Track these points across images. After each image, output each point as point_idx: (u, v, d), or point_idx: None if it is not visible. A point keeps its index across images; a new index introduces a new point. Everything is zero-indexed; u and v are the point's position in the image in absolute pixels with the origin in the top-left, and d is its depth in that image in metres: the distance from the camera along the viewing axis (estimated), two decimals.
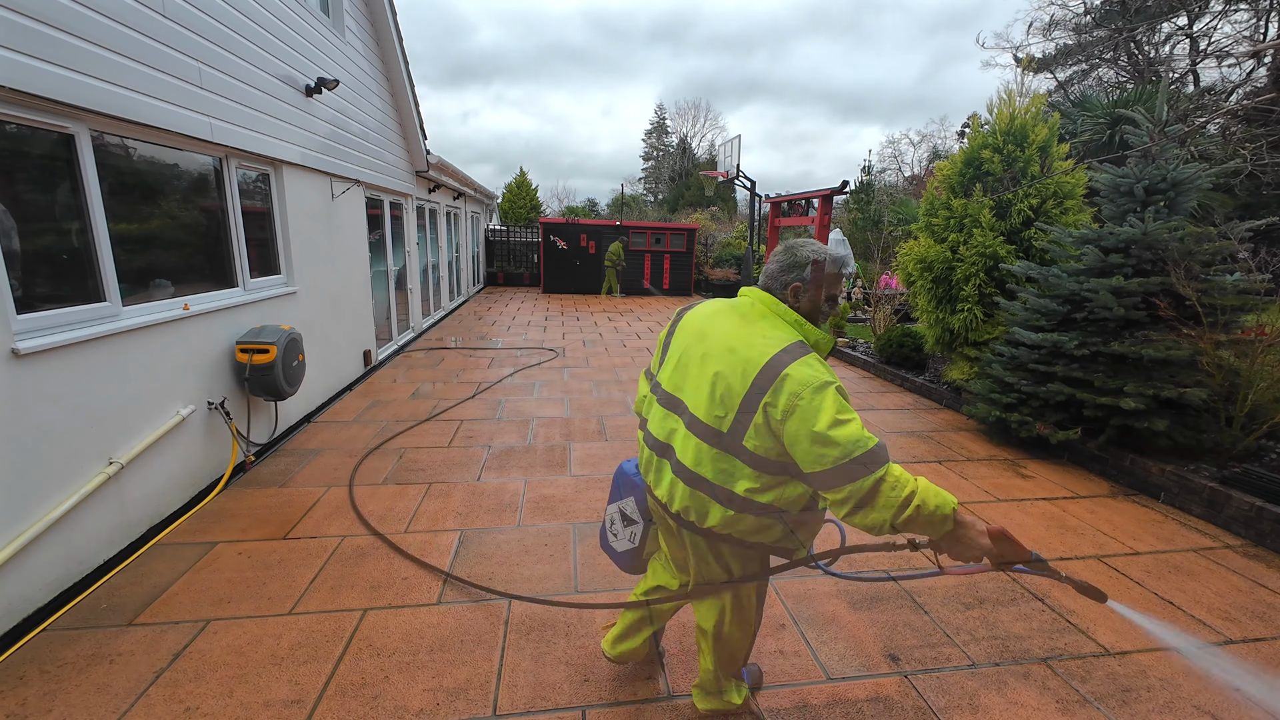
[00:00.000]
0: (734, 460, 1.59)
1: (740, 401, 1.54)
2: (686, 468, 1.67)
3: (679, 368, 1.75)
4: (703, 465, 1.63)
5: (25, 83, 2.48)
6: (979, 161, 5.94)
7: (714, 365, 1.62)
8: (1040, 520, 3.67)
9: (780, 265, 1.72)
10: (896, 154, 35.86)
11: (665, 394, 1.79)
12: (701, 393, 1.64)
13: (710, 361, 1.63)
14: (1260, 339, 3.97)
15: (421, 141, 8.71)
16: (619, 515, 2.10)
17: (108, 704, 2.09)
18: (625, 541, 2.09)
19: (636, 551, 2.07)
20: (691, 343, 1.74)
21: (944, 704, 2.21)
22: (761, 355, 1.53)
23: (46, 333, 2.66)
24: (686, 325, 1.81)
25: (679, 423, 1.71)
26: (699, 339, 1.72)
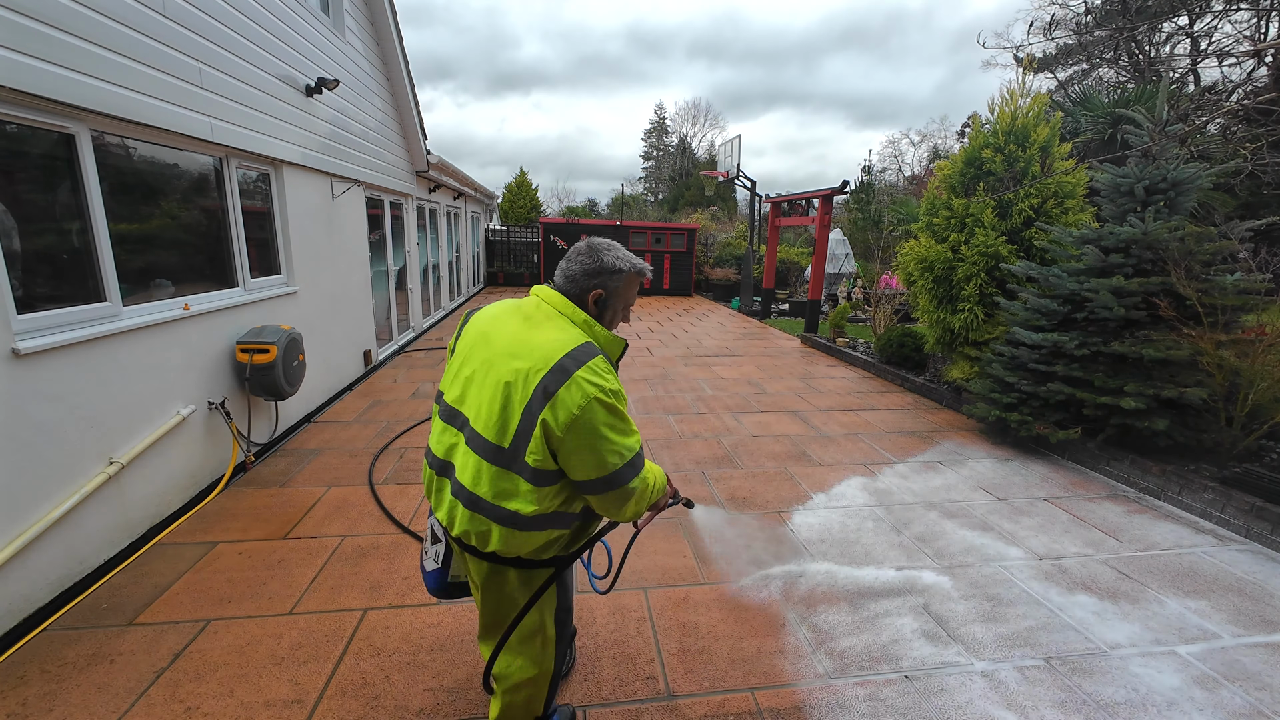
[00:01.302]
0: (515, 478, 1.44)
1: (522, 412, 1.40)
2: (465, 488, 1.49)
3: (460, 378, 1.56)
4: (480, 484, 1.46)
5: (25, 83, 2.48)
6: (980, 161, 5.94)
7: (495, 374, 1.46)
8: (1041, 520, 3.67)
9: (584, 269, 1.57)
10: (896, 154, 35.86)
11: (446, 406, 1.59)
12: (482, 404, 1.47)
13: (492, 369, 1.47)
14: (1260, 339, 3.96)
15: (421, 141, 8.71)
16: (429, 532, 1.83)
17: (108, 703, 2.09)
18: (431, 561, 1.82)
19: (440, 573, 1.78)
20: (475, 349, 1.55)
21: None
22: (545, 361, 1.41)
23: (47, 333, 2.66)
24: (471, 331, 1.62)
25: (459, 438, 1.53)
26: (483, 344, 1.54)
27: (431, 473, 1.63)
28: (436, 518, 1.66)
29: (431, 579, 1.82)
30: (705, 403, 6.01)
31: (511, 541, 1.49)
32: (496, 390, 1.44)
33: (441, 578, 1.80)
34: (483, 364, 1.51)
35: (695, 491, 3.96)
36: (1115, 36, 12.69)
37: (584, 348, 1.44)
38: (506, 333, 1.52)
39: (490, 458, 1.45)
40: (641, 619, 2.64)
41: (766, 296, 12.30)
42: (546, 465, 1.43)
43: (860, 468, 4.44)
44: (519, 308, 1.59)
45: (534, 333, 1.49)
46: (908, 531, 3.49)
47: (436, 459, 1.60)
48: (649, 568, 3.04)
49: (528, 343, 1.46)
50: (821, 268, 9.96)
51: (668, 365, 7.65)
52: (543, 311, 1.55)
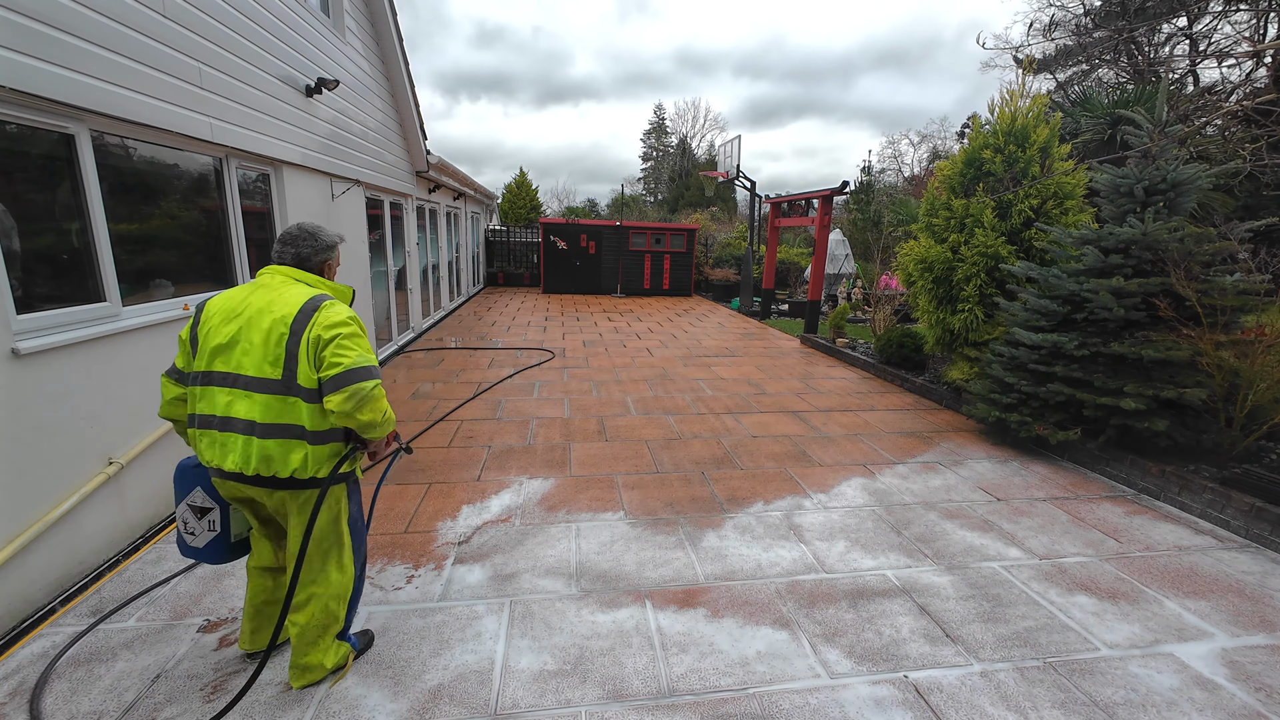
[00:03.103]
0: (295, 401, 1.93)
1: (286, 346, 1.91)
2: (256, 423, 1.92)
3: (218, 350, 1.96)
4: (269, 415, 1.92)
5: (25, 83, 2.48)
6: (980, 162, 5.94)
7: (256, 333, 1.93)
8: (1040, 521, 3.67)
9: (314, 248, 2.15)
10: (896, 154, 35.88)
11: (218, 374, 1.97)
12: (252, 357, 1.93)
13: (252, 330, 1.94)
14: (1260, 339, 3.97)
15: (421, 141, 8.71)
16: (189, 512, 2.15)
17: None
18: (206, 534, 2.17)
19: (223, 537, 2.18)
20: (225, 325, 1.97)
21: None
22: (294, 306, 1.95)
23: (47, 333, 2.66)
24: (212, 316, 2.00)
25: (237, 393, 1.95)
26: (232, 319, 1.97)
27: (211, 434, 1.97)
28: (226, 469, 1.96)
29: (211, 549, 2.18)
30: (705, 403, 6.01)
31: (307, 457, 1.96)
32: (264, 342, 1.92)
33: (222, 542, 2.18)
34: (241, 330, 1.95)
35: (695, 492, 3.96)
36: (1115, 37, 12.70)
37: (320, 295, 2.02)
38: (257, 302, 1.98)
39: (272, 391, 1.93)
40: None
41: (766, 297, 12.30)
42: (308, 382, 1.92)
43: (860, 468, 4.44)
44: (256, 285, 2.06)
45: (279, 294, 2.00)
46: (907, 532, 3.49)
47: (216, 418, 1.96)
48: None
49: (278, 300, 1.97)
50: (821, 268, 9.97)
51: (667, 366, 7.65)
52: (278, 280, 2.06)
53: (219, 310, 2.00)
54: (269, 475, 1.94)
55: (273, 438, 1.92)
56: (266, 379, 1.92)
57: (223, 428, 1.95)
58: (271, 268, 2.10)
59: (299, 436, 1.94)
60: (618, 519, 3.57)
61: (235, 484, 2.01)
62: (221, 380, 1.96)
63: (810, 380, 7.10)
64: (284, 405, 1.93)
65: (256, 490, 2.01)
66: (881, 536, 3.43)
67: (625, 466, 4.36)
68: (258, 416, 1.92)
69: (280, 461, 1.93)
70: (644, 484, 4.07)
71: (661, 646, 2.48)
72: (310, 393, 1.93)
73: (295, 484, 1.99)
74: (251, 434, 1.92)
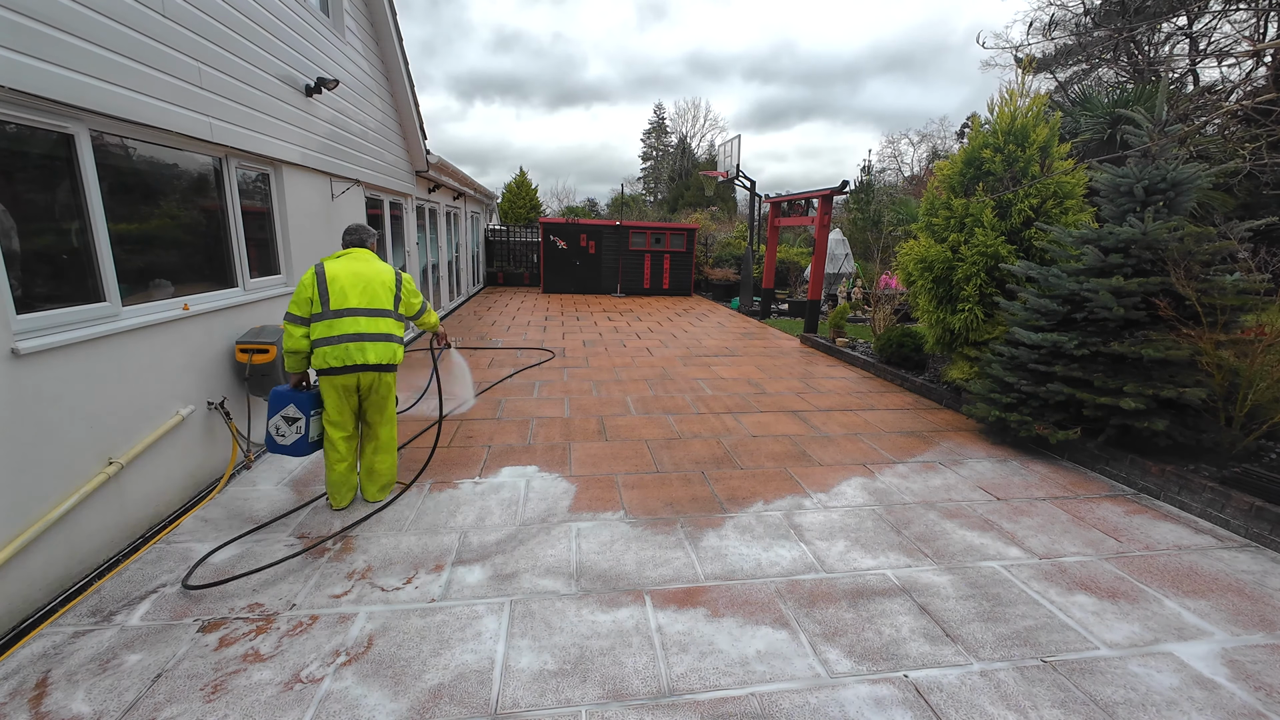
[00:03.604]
0: (397, 322, 3.45)
1: (396, 293, 3.48)
2: (388, 334, 3.38)
3: (353, 296, 3.30)
4: (393, 329, 3.41)
5: (25, 83, 2.48)
6: (980, 161, 5.94)
7: (380, 284, 3.41)
8: (1040, 520, 3.68)
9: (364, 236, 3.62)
10: (896, 154, 35.88)
11: (361, 310, 3.31)
12: (382, 299, 3.39)
13: (377, 285, 3.40)
14: (1260, 339, 3.97)
15: (421, 141, 8.71)
16: (282, 421, 3.36)
17: None
18: (293, 435, 3.37)
19: (305, 438, 3.39)
20: (355, 281, 3.34)
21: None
22: (391, 272, 3.52)
23: (46, 333, 2.66)
24: (340, 275, 3.32)
25: (377, 318, 3.35)
26: (359, 278, 3.36)
27: (350, 344, 3.26)
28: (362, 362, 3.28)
29: (296, 446, 3.40)
30: (705, 403, 6.01)
31: (398, 352, 3.45)
32: (385, 286, 3.44)
33: (304, 441, 3.39)
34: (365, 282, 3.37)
35: (695, 491, 3.96)
36: (1114, 37, 12.70)
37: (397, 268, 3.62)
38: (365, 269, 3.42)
39: (391, 315, 3.43)
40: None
41: (766, 296, 12.30)
42: (405, 313, 3.57)
43: (860, 468, 4.44)
44: (356, 257, 3.47)
45: (376, 264, 3.50)
46: (907, 531, 3.49)
47: (356, 334, 3.27)
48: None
49: (378, 269, 3.47)
50: (821, 268, 9.97)
51: (667, 365, 7.65)
52: (369, 256, 3.54)
53: (342, 274, 3.32)
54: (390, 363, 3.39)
55: (394, 342, 3.40)
56: (383, 309, 3.37)
57: (359, 340, 3.27)
58: (356, 250, 3.53)
59: (399, 341, 3.45)
60: (618, 519, 3.57)
61: (364, 373, 3.32)
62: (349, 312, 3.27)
63: (810, 380, 7.10)
64: (395, 324, 3.42)
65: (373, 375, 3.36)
66: (881, 536, 3.43)
67: (625, 466, 4.36)
68: (383, 330, 3.35)
69: (389, 357, 3.38)
70: (644, 483, 4.07)
71: (661, 646, 2.48)
72: (401, 317, 3.49)
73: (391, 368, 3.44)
74: (377, 341, 3.33)
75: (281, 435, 3.30)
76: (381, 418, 3.51)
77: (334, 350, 3.23)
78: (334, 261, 3.36)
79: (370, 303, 3.31)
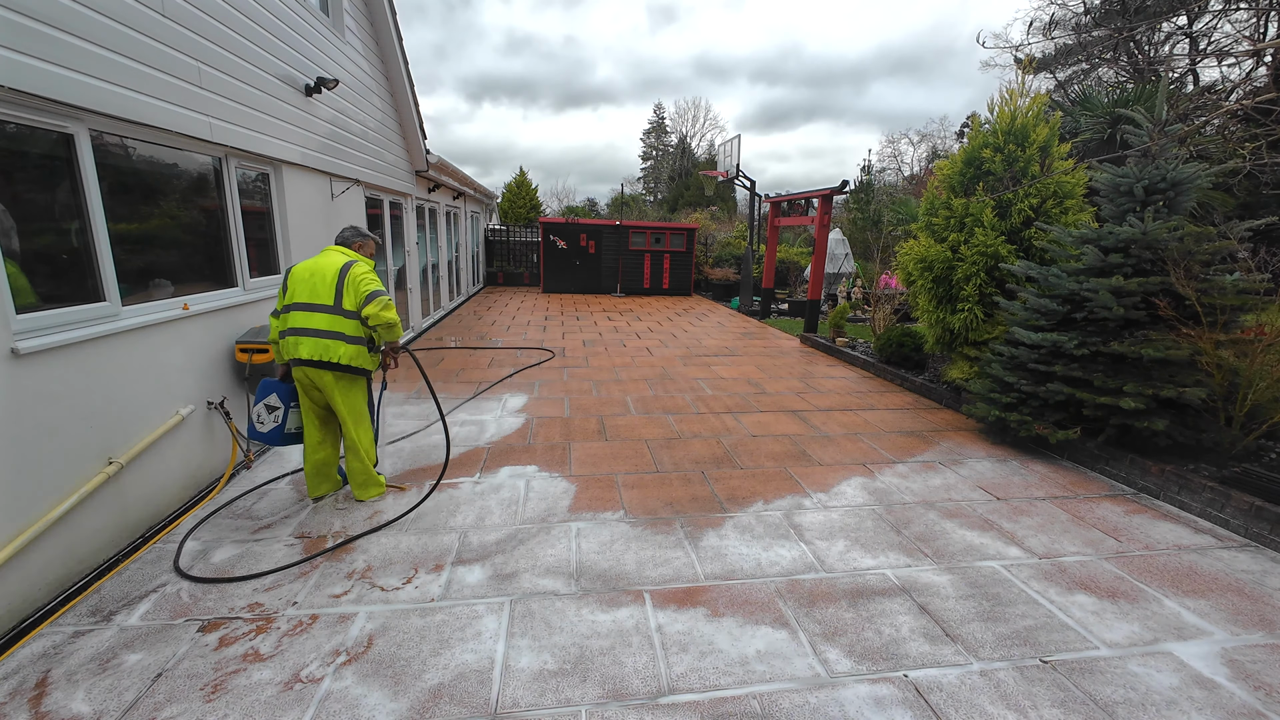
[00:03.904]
0: (341, 317, 3.29)
1: (337, 286, 3.30)
2: (322, 330, 3.27)
3: (301, 293, 3.31)
4: (331, 325, 3.28)
5: (25, 83, 2.48)
6: (980, 161, 5.94)
7: (321, 281, 3.31)
8: (1040, 520, 3.68)
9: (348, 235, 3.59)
10: (896, 154, 35.88)
11: (301, 304, 3.30)
12: (321, 294, 3.29)
13: (319, 279, 3.31)
14: (1260, 339, 3.97)
15: (421, 141, 8.71)
16: (264, 409, 3.49)
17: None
18: (271, 423, 3.49)
19: (281, 427, 3.50)
20: (306, 278, 3.33)
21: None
22: (338, 266, 3.35)
23: (46, 333, 2.66)
24: (296, 273, 3.37)
25: (313, 313, 3.29)
26: (310, 274, 3.33)
27: (295, 339, 3.28)
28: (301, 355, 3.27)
29: (272, 434, 3.50)
30: (705, 402, 6.01)
31: (345, 352, 3.29)
32: (328, 286, 3.30)
33: (279, 430, 3.50)
34: (312, 279, 3.32)
35: (695, 491, 3.96)
36: (1114, 36, 12.70)
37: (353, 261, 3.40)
38: (321, 265, 3.36)
39: (331, 311, 3.28)
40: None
41: (766, 296, 12.29)
42: (351, 307, 3.29)
43: (860, 467, 4.44)
44: (322, 255, 3.46)
45: (331, 258, 3.40)
46: (907, 531, 3.49)
47: (300, 329, 3.28)
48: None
49: (331, 263, 3.37)
50: (821, 267, 9.97)
51: (667, 365, 7.65)
52: (334, 251, 3.49)
53: (301, 269, 3.37)
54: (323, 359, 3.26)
55: (328, 338, 3.26)
56: (329, 304, 3.28)
57: (302, 334, 3.27)
58: (329, 247, 3.53)
59: (342, 338, 3.28)
60: (617, 518, 3.57)
61: (304, 368, 3.30)
62: (295, 308, 3.31)
63: (810, 379, 7.10)
64: (335, 319, 3.28)
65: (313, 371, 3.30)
66: (881, 536, 3.43)
67: (625, 466, 4.36)
68: (324, 326, 3.27)
69: (331, 354, 3.27)
70: (644, 483, 4.07)
71: (661, 646, 2.48)
72: (350, 312, 3.29)
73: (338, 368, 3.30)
74: (318, 337, 3.26)
75: (261, 422, 3.48)
76: (343, 417, 3.40)
77: (284, 344, 3.35)
78: (306, 260, 3.47)
79: (310, 297, 3.27)
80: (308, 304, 3.27)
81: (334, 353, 3.25)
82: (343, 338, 3.27)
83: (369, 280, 3.29)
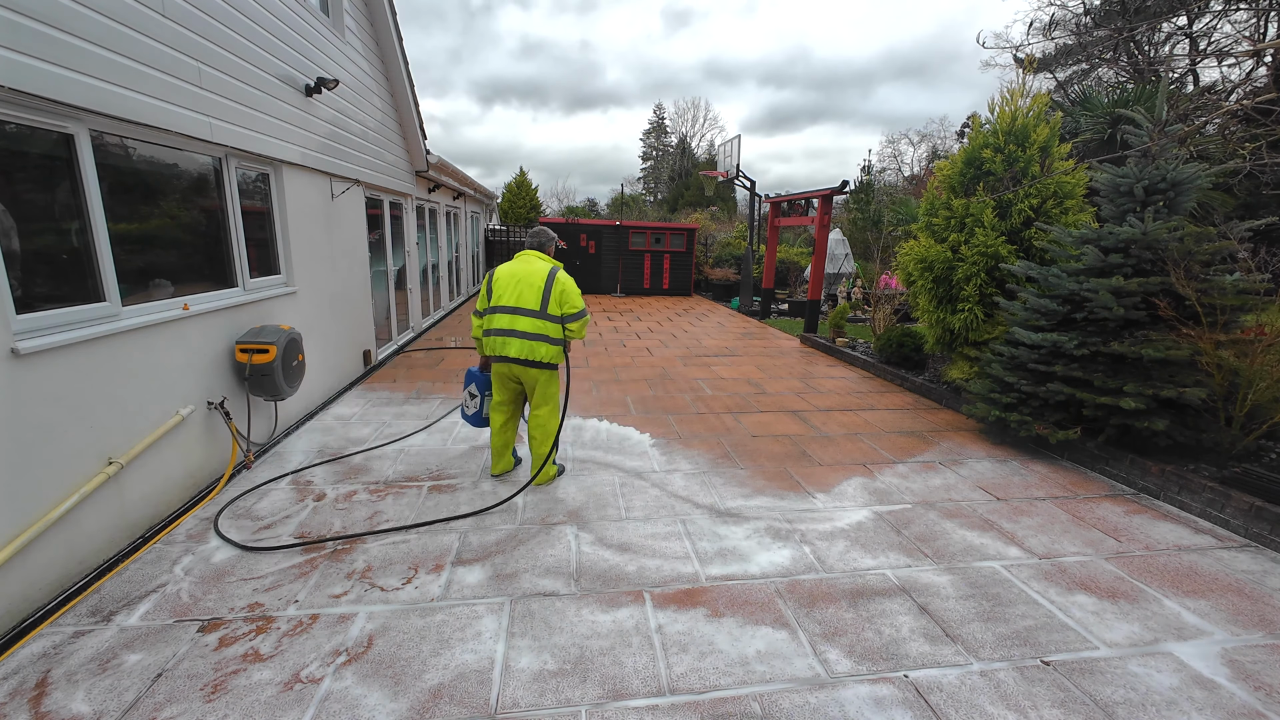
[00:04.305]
0: (546, 322, 3.66)
1: (544, 293, 3.64)
2: (528, 333, 3.65)
3: (506, 295, 3.69)
4: (536, 328, 3.65)
5: (25, 83, 2.47)
6: (980, 161, 5.94)
7: (528, 284, 3.67)
8: (1040, 520, 3.67)
9: (542, 239, 3.95)
10: (896, 154, 35.88)
11: (506, 307, 3.69)
12: (527, 298, 3.65)
13: (526, 283, 3.67)
14: (1259, 339, 3.97)
15: (421, 141, 8.71)
16: (467, 395, 4.11)
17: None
18: (473, 408, 4.08)
19: (479, 413, 4.08)
20: (510, 281, 3.71)
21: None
22: (544, 272, 3.69)
23: (46, 333, 2.66)
24: (501, 276, 3.75)
25: (518, 315, 3.66)
26: (514, 278, 3.71)
27: (502, 338, 3.69)
28: (508, 354, 3.68)
29: (474, 418, 4.11)
30: (705, 403, 6.00)
31: (547, 352, 3.68)
32: (533, 290, 3.65)
33: (477, 415, 4.09)
34: (518, 284, 3.68)
35: (695, 491, 3.96)
36: (1114, 37, 12.70)
37: (556, 267, 3.74)
38: (525, 269, 3.72)
39: (536, 315, 3.64)
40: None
41: (766, 296, 12.29)
42: (556, 313, 3.65)
43: (860, 468, 4.44)
44: (522, 260, 3.79)
45: (536, 264, 3.75)
46: (907, 531, 3.49)
47: (505, 329, 3.67)
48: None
49: (537, 268, 3.72)
50: (821, 268, 9.97)
51: (667, 365, 7.65)
52: (533, 256, 3.81)
53: (504, 274, 3.73)
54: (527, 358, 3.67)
55: (534, 339, 3.65)
56: (534, 309, 3.64)
57: (508, 334, 3.67)
58: (525, 252, 3.83)
59: (544, 339, 3.66)
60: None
61: (509, 364, 3.72)
62: (502, 310, 3.69)
63: (810, 380, 7.10)
64: (539, 323, 3.64)
65: (518, 368, 3.71)
66: (881, 536, 3.43)
67: None
68: (529, 329, 3.64)
69: (533, 354, 3.66)
70: None
71: (661, 646, 2.48)
72: (553, 318, 3.66)
73: (542, 365, 3.71)
74: (524, 339, 3.64)
75: (466, 407, 4.11)
76: (535, 404, 3.84)
77: (489, 341, 3.76)
78: (506, 264, 3.79)
79: (516, 301, 3.64)
80: (514, 308, 3.64)
81: (538, 353, 3.64)
82: (546, 339, 3.64)
83: (575, 297, 3.66)
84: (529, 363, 3.65)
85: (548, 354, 3.66)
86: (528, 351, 3.63)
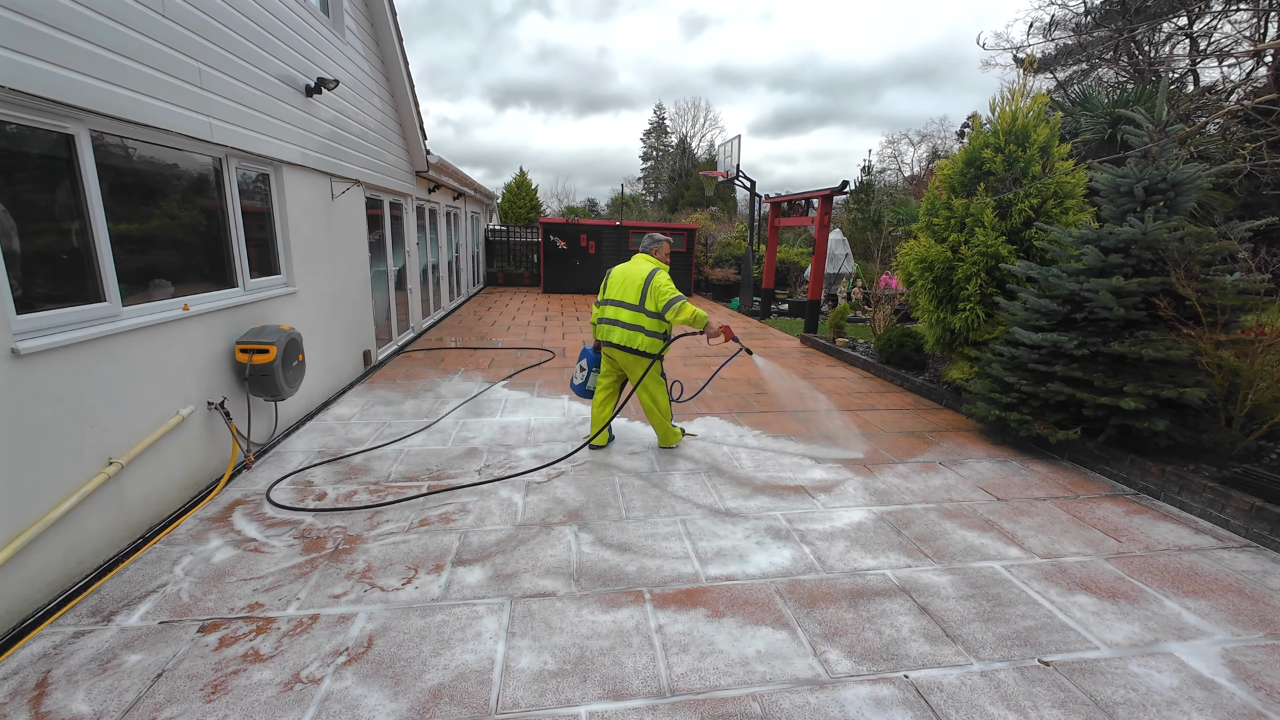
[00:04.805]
0: (643, 315, 4.23)
1: (642, 290, 4.24)
2: (628, 323, 4.26)
3: (614, 290, 4.36)
4: (634, 320, 4.25)
5: (25, 83, 2.48)
6: (980, 161, 5.93)
7: (632, 283, 4.29)
8: (1040, 520, 3.67)
9: (651, 242, 4.59)
10: (896, 154, 35.88)
11: (614, 301, 4.34)
12: (630, 295, 4.28)
13: (630, 281, 4.30)
14: (1260, 339, 3.96)
15: (421, 141, 8.71)
16: (578, 369, 4.73)
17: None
18: (580, 379, 4.71)
19: (584, 384, 4.71)
20: (619, 278, 4.36)
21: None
22: (645, 271, 4.28)
23: (46, 333, 2.66)
24: (614, 274, 4.42)
25: (621, 308, 4.29)
26: (623, 276, 4.36)
27: (607, 326, 4.34)
28: (612, 340, 4.32)
29: (580, 389, 4.74)
30: (705, 403, 6.00)
31: (644, 341, 4.26)
32: (635, 285, 4.28)
33: (583, 386, 4.71)
34: (624, 279, 4.34)
35: (695, 491, 3.96)
36: (1115, 37, 12.70)
37: (656, 268, 4.35)
38: (631, 269, 4.36)
39: (634, 308, 4.26)
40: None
41: (766, 296, 12.29)
42: (651, 307, 4.22)
43: (860, 467, 4.44)
44: (632, 262, 4.44)
45: (640, 266, 4.36)
46: (907, 531, 3.49)
47: (610, 319, 4.33)
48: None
49: (640, 268, 4.34)
50: (821, 268, 9.96)
51: (667, 365, 7.65)
52: (641, 258, 4.46)
53: (615, 272, 4.40)
54: (627, 346, 4.26)
55: (632, 329, 4.24)
56: (633, 303, 4.25)
57: (612, 323, 4.31)
58: (638, 255, 4.51)
59: (644, 331, 4.23)
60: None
61: (612, 350, 4.35)
62: (615, 302, 4.33)
63: (810, 380, 7.09)
64: (638, 315, 4.23)
65: (620, 353, 4.31)
66: (881, 536, 3.43)
67: None
68: (627, 320, 4.25)
69: (631, 342, 4.26)
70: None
71: (662, 646, 2.48)
72: (650, 312, 4.21)
73: (637, 352, 4.27)
74: (624, 328, 4.25)
75: (575, 378, 4.75)
76: (641, 384, 4.39)
77: (600, 328, 4.40)
78: (622, 264, 4.43)
79: (622, 296, 4.29)
80: (619, 301, 4.29)
81: (635, 341, 4.24)
82: (643, 330, 4.22)
83: (667, 289, 4.13)
84: (627, 349, 4.25)
85: (644, 344, 4.22)
86: (627, 339, 4.23)
